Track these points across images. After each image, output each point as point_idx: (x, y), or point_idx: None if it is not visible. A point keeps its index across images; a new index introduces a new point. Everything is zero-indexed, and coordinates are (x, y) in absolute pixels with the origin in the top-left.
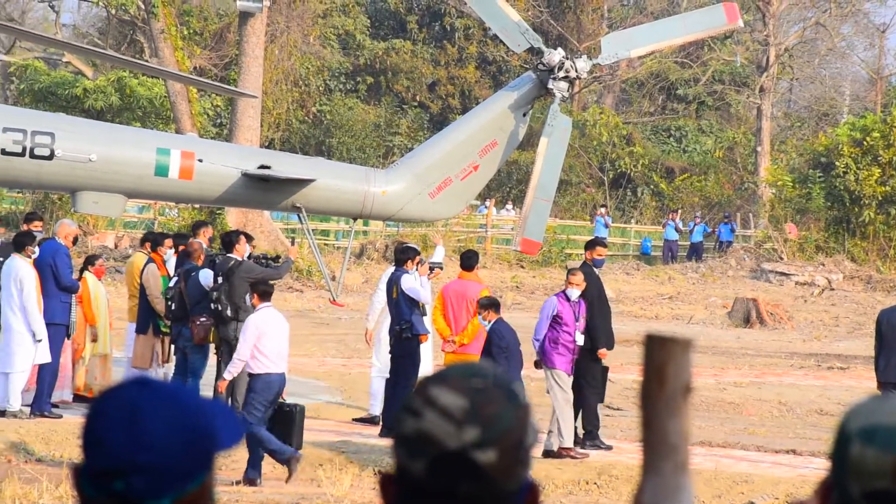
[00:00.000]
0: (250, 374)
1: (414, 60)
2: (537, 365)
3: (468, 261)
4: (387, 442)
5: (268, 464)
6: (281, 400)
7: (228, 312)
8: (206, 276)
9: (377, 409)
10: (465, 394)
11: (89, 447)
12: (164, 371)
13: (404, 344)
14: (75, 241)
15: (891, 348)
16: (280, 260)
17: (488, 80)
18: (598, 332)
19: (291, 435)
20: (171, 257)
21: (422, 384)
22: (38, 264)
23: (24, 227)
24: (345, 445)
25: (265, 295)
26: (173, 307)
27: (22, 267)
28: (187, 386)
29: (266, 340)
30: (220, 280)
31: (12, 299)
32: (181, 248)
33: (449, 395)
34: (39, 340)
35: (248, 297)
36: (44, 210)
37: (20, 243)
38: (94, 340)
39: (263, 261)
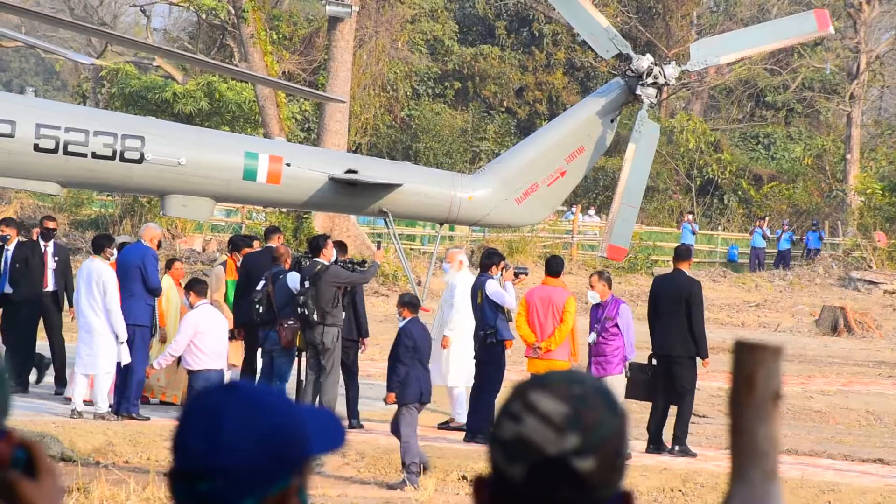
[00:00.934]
0: (189, 372)
1: (502, 66)
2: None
3: (555, 266)
4: (472, 447)
5: (351, 466)
6: None
7: (315, 317)
8: (293, 280)
9: (461, 416)
10: (567, 400)
11: (174, 450)
12: (232, 372)
13: (489, 349)
14: (159, 244)
15: None
16: (366, 265)
17: (576, 86)
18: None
19: None
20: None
21: (522, 389)
22: (123, 266)
23: (47, 225)
24: (429, 450)
25: (202, 293)
26: (261, 311)
27: (104, 269)
28: (274, 389)
29: (204, 337)
30: (307, 284)
31: (94, 301)
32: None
33: (550, 401)
34: (122, 342)
35: (334, 300)
36: (133, 213)
37: (99, 245)
38: (163, 342)
39: (349, 266)
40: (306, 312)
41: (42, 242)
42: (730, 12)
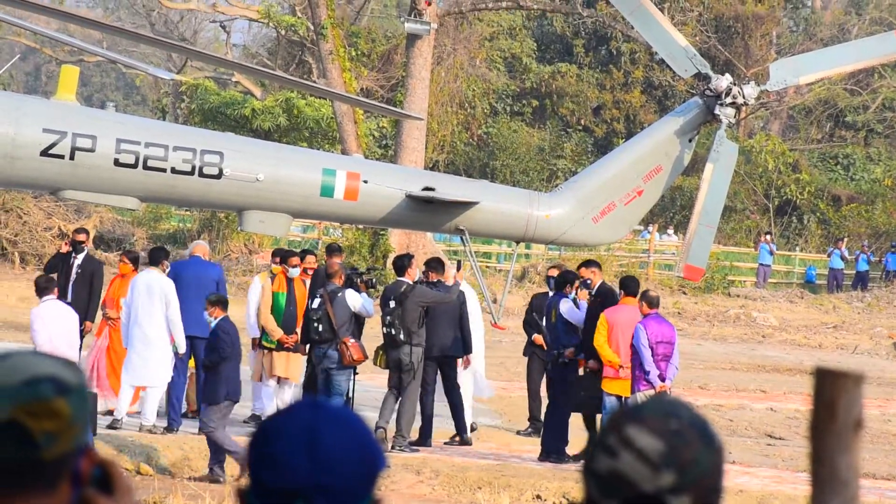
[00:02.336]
0: None
1: (579, 84)
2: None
3: (633, 287)
4: (546, 466)
5: (425, 484)
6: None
7: (401, 336)
8: (352, 297)
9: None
10: (663, 436)
11: (264, 467)
12: (289, 387)
13: (561, 368)
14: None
15: None
16: (372, 273)
17: (654, 105)
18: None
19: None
20: (293, 275)
21: (618, 421)
22: (182, 279)
23: (76, 237)
24: (504, 469)
25: (44, 290)
26: (320, 328)
27: (164, 281)
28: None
29: (53, 331)
30: (392, 304)
31: (153, 312)
32: (294, 265)
33: (646, 436)
34: (181, 354)
35: (420, 320)
36: (210, 228)
37: (156, 258)
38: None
39: (356, 276)
40: (393, 332)
41: (73, 254)
42: (809, 32)
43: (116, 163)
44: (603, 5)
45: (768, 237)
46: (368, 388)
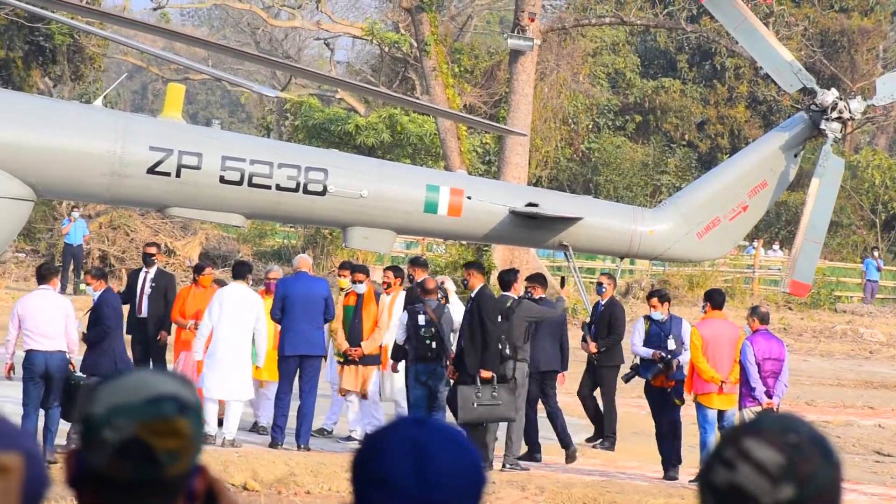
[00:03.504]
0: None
1: (683, 99)
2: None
3: (719, 299)
4: (650, 484)
5: (530, 500)
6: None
7: (507, 351)
8: (456, 314)
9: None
10: (782, 449)
11: (373, 484)
12: (351, 398)
13: (657, 396)
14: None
15: None
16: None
17: (758, 120)
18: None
19: (73, 407)
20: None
21: (735, 434)
22: (290, 298)
23: (147, 251)
24: (609, 485)
25: (42, 279)
26: (434, 345)
27: (253, 296)
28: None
29: (29, 320)
30: (498, 318)
31: (241, 327)
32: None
33: (765, 449)
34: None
35: (526, 335)
36: (315, 244)
37: (241, 272)
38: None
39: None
40: (500, 346)
41: (144, 269)
42: None
43: (222, 180)
44: (707, 20)
45: (875, 253)
46: None
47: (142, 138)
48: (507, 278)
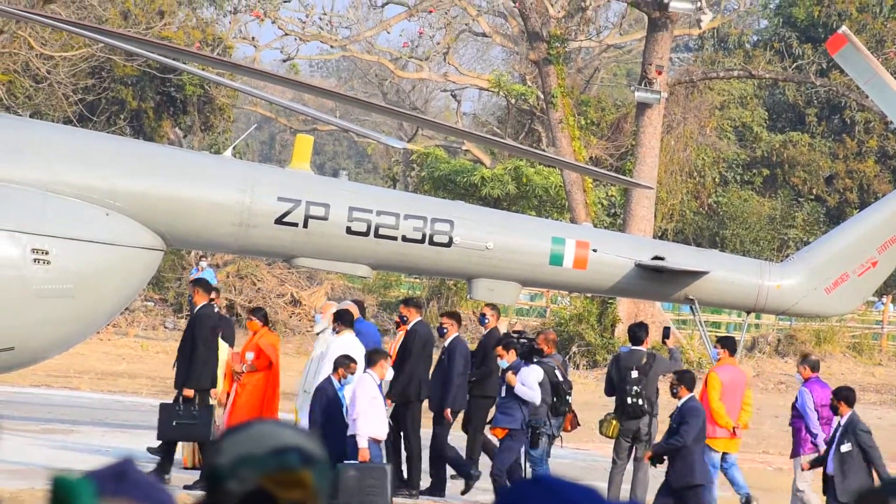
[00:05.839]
0: None
1: (811, 153)
2: None
3: (732, 345)
4: None
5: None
6: None
7: (644, 406)
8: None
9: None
10: None
11: None
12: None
13: None
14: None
15: None
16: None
17: (888, 175)
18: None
19: None
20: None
21: (879, 494)
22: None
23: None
24: None
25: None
26: (640, 402)
27: (357, 346)
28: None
29: None
30: (634, 374)
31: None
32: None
33: None
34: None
35: (657, 391)
36: (440, 295)
37: (348, 321)
38: None
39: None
40: (640, 402)
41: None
42: None
43: (349, 231)
44: (837, 74)
45: None
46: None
47: (270, 189)
48: (639, 334)
